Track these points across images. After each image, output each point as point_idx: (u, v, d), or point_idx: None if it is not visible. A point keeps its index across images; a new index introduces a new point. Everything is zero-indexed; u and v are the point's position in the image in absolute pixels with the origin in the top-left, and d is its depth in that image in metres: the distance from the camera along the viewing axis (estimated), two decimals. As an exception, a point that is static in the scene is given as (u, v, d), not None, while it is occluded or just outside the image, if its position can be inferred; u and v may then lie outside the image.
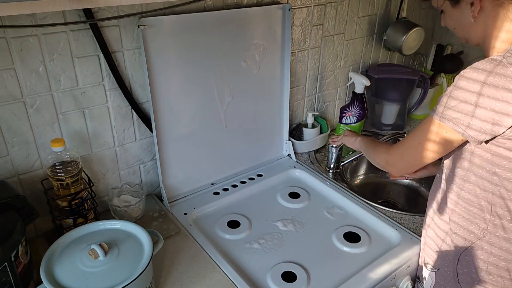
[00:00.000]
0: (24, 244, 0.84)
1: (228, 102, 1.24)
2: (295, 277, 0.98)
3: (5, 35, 0.87)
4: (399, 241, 1.07)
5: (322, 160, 1.45)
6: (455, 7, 0.85)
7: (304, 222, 1.17)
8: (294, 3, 1.31)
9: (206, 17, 1.10)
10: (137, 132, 1.15)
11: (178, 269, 0.97)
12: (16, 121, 0.94)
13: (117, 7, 0.98)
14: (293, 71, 1.41)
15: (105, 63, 1.01)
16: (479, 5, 0.81)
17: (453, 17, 0.88)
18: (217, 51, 1.15)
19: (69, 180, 0.96)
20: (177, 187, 1.22)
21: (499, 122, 0.74)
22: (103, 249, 0.82)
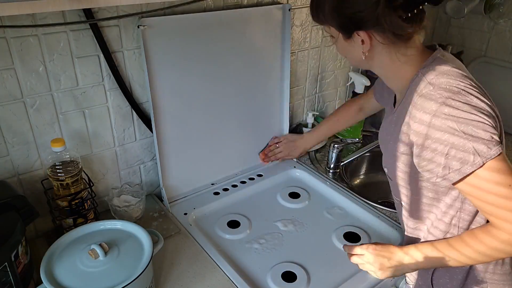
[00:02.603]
0: (24, 244, 0.84)
1: (228, 102, 1.24)
2: (295, 277, 0.98)
3: (5, 35, 0.87)
4: (399, 241, 1.07)
5: (322, 160, 1.45)
6: (346, 40, 0.82)
7: (304, 222, 1.17)
8: (294, 3, 1.31)
9: (206, 17, 1.10)
10: (137, 132, 1.15)
11: (178, 269, 0.97)
12: (16, 121, 0.94)
13: (117, 7, 0.98)
14: (293, 71, 1.41)
15: (105, 63, 1.01)
16: (369, 45, 0.80)
17: (345, 48, 0.85)
18: (217, 51, 1.15)
19: (69, 180, 0.96)
20: (177, 187, 1.22)
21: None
22: (103, 249, 0.82)
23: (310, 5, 0.86)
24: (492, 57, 1.71)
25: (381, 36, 0.78)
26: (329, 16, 0.81)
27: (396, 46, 0.79)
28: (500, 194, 0.71)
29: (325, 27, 0.86)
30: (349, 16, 0.77)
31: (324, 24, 0.85)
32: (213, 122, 1.23)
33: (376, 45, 0.80)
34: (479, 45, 1.74)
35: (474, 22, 1.73)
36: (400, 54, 0.81)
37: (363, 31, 0.78)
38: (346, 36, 0.81)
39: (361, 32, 0.78)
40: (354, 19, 0.77)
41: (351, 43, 0.82)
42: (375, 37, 0.78)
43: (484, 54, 1.73)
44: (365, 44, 0.80)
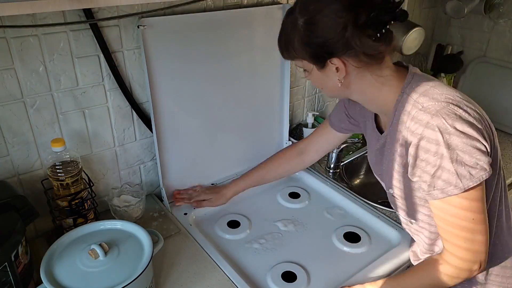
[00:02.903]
0: (24, 244, 0.84)
1: (228, 102, 1.24)
2: (295, 277, 0.98)
3: (5, 35, 0.87)
4: (399, 241, 1.07)
5: (322, 160, 1.45)
6: (321, 71, 0.81)
7: (304, 222, 1.17)
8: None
9: (206, 17, 1.10)
10: (137, 132, 1.15)
11: (178, 269, 0.97)
12: (16, 121, 0.94)
13: (117, 7, 0.98)
14: (293, 71, 1.41)
15: (105, 63, 1.01)
16: (345, 71, 0.78)
17: (319, 78, 0.84)
18: (217, 51, 1.15)
19: (69, 180, 0.96)
20: (177, 187, 1.22)
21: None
22: (103, 249, 0.82)
23: (279, 43, 0.84)
24: (492, 57, 1.71)
25: (354, 60, 0.77)
26: (300, 49, 0.79)
27: (370, 68, 0.79)
28: (462, 223, 0.76)
29: (297, 61, 0.84)
30: (320, 45, 0.76)
31: (296, 59, 0.84)
32: (213, 122, 1.23)
33: (351, 71, 0.79)
34: (479, 45, 1.74)
35: (474, 22, 1.73)
36: (376, 76, 0.81)
37: (336, 57, 0.77)
38: (319, 67, 0.80)
39: (334, 59, 0.77)
40: (325, 48, 0.76)
41: (326, 72, 0.81)
42: (349, 62, 0.78)
43: (484, 54, 1.74)
44: (340, 71, 0.79)
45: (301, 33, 0.77)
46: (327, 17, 0.74)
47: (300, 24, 0.77)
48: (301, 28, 0.77)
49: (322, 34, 0.75)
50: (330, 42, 0.75)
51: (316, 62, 0.80)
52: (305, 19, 0.76)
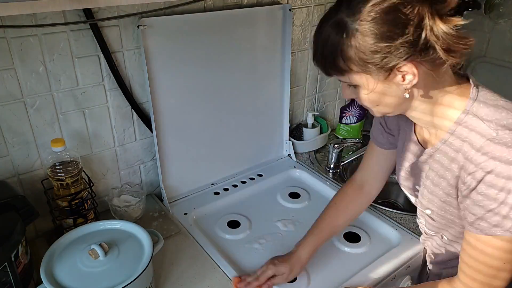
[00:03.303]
0: (24, 244, 0.84)
1: (228, 102, 1.24)
2: (295, 277, 0.98)
3: (5, 35, 0.87)
4: (399, 241, 1.07)
5: (322, 160, 1.45)
6: (382, 82, 0.66)
7: (304, 222, 1.16)
8: (294, 3, 1.31)
9: (206, 17, 1.10)
10: (137, 132, 1.15)
11: (178, 269, 0.97)
12: (16, 121, 0.94)
13: (117, 7, 0.98)
14: (293, 71, 1.41)
15: (105, 63, 1.01)
16: (416, 75, 0.64)
17: (376, 94, 0.68)
18: (217, 51, 1.15)
19: (69, 180, 0.96)
20: (177, 187, 1.22)
21: None
22: (103, 249, 0.82)
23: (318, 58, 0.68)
24: (492, 57, 1.71)
25: (429, 62, 0.63)
26: (356, 60, 0.64)
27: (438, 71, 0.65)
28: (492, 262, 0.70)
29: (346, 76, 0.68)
30: (387, 51, 0.61)
31: (346, 73, 0.67)
32: (213, 122, 1.23)
33: (421, 77, 0.65)
34: (479, 45, 1.74)
35: (474, 22, 1.72)
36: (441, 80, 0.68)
37: (410, 61, 0.62)
38: (381, 77, 0.65)
39: (405, 65, 0.62)
40: (393, 53, 0.61)
41: (387, 84, 0.66)
42: (422, 65, 0.64)
43: (484, 54, 1.73)
44: (408, 78, 0.64)
45: (356, 40, 0.62)
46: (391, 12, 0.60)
47: (353, 27, 0.62)
48: (356, 33, 0.62)
49: (388, 35, 0.60)
50: (400, 43, 0.60)
51: (378, 73, 0.64)
52: (360, 21, 0.61)
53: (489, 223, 0.67)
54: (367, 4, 0.61)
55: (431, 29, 0.60)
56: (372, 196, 1.04)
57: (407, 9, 0.59)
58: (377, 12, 0.60)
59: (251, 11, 1.18)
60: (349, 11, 0.62)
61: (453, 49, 0.62)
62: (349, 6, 0.63)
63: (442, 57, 0.62)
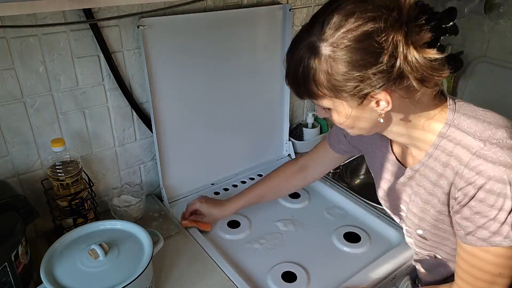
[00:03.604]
0: (24, 244, 0.84)
1: (228, 102, 1.24)
2: (295, 277, 0.98)
3: (5, 35, 0.87)
4: (399, 241, 1.07)
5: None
6: (356, 107, 0.65)
7: (304, 222, 1.17)
8: (294, 3, 1.31)
9: (206, 17, 1.10)
10: (137, 132, 1.15)
11: (178, 269, 0.97)
12: (16, 121, 0.94)
13: (117, 7, 0.98)
14: (293, 71, 1.41)
15: (105, 63, 1.01)
16: (390, 103, 0.63)
17: (350, 117, 0.67)
18: (217, 51, 1.15)
19: (69, 180, 0.96)
20: (177, 187, 1.22)
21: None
22: (103, 249, 0.82)
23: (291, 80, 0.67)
24: (492, 57, 1.71)
25: (404, 90, 0.62)
26: (328, 85, 0.62)
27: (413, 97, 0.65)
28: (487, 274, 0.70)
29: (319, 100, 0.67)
30: (360, 79, 0.60)
31: (318, 98, 0.66)
32: (213, 122, 1.23)
33: (395, 103, 0.64)
34: (479, 45, 1.74)
35: (474, 22, 1.72)
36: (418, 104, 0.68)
37: (382, 90, 0.61)
38: (355, 103, 0.64)
39: (379, 93, 0.62)
40: (367, 81, 0.60)
41: (362, 109, 0.65)
42: (397, 93, 0.63)
43: (484, 54, 1.73)
44: (382, 105, 0.64)
45: (328, 66, 0.60)
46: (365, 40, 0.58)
47: (326, 53, 0.60)
48: (328, 59, 0.60)
49: (361, 63, 0.59)
50: (374, 72, 0.59)
51: (351, 99, 0.63)
52: (333, 47, 0.59)
53: (481, 237, 0.67)
54: (340, 29, 0.59)
55: (405, 59, 0.59)
56: (307, 182, 1.13)
57: (380, 37, 0.57)
58: (349, 39, 0.58)
59: (251, 11, 1.18)
60: (322, 35, 0.60)
61: (427, 79, 0.61)
62: (322, 30, 0.60)
63: (415, 86, 0.61)
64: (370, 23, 0.57)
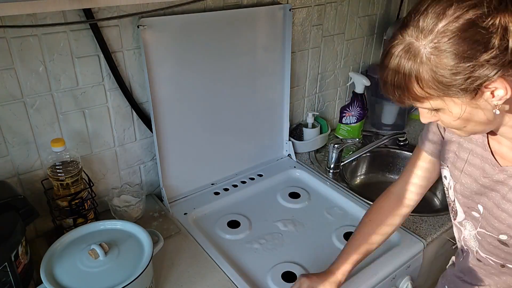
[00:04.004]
0: (24, 244, 0.84)
1: (228, 102, 1.24)
2: (295, 277, 0.98)
3: (5, 35, 0.87)
4: (399, 241, 1.07)
5: (322, 160, 1.45)
6: (469, 103, 0.60)
7: (304, 222, 1.17)
8: (294, 3, 1.31)
9: (206, 17, 1.10)
10: (137, 132, 1.15)
11: (178, 269, 0.97)
12: (16, 121, 0.94)
13: (117, 7, 0.98)
14: (293, 71, 1.41)
15: (105, 63, 1.01)
16: (508, 91, 0.57)
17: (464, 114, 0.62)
18: (217, 51, 1.15)
19: (69, 180, 0.96)
20: (177, 187, 1.22)
21: None
22: (103, 249, 0.82)
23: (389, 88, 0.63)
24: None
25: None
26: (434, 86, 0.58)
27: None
28: None
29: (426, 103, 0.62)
30: (469, 70, 0.55)
31: (425, 101, 0.62)
32: (213, 122, 1.23)
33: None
34: (479, 45, 1.74)
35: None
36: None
37: (498, 77, 0.56)
38: (468, 98, 0.59)
39: (494, 81, 0.56)
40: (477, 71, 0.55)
41: (475, 103, 0.60)
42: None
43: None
44: (499, 94, 0.58)
45: (432, 64, 0.57)
46: (470, 29, 0.54)
47: (427, 51, 0.57)
48: (430, 56, 0.57)
49: (469, 53, 0.54)
50: (486, 60, 0.54)
51: (464, 94, 0.59)
52: (433, 43, 0.56)
53: None
54: (439, 23, 0.55)
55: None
56: (410, 209, 0.93)
57: (487, 22, 0.53)
58: (452, 31, 0.55)
59: (251, 11, 1.18)
60: (420, 33, 0.57)
61: None
62: (418, 27, 0.57)
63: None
64: (472, 10, 0.54)
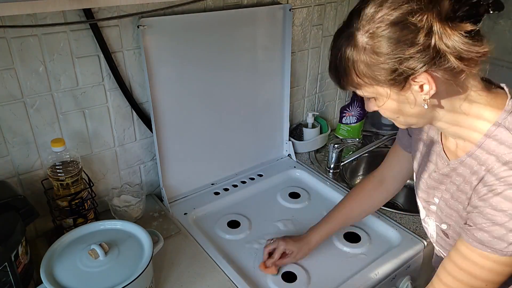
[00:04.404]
0: (24, 244, 0.84)
1: (228, 102, 1.24)
2: (295, 277, 0.98)
3: (5, 35, 0.87)
4: (399, 241, 1.07)
5: (322, 160, 1.45)
6: (399, 94, 0.65)
7: (304, 222, 1.16)
8: (294, 3, 1.31)
9: (206, 17, 1.10)
10: (137, 132, 1.15)
11: (178, 269, 0.97)
12: (16, 121, 0.94)
13: (117, 7, 0.98)
14: (293, 71, 1.41)
15: (105, 63, 1.01)
16: (434, 87, 0.62)
17: (395, 105, 0.67)
18: (217, 51, 1.15)
19: (69, 180, 0.96)
20: (177, 187, 1.22)
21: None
22: (103, 249, 0.82)
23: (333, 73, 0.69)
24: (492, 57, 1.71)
25: (445, 71, 0.61)
26: (368, 73, 0.64)
27: (458, 81, 0.63)
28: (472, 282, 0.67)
29: (362, 90, 0.68)
30: (398, 61, 0.60)
31: (361, 87, 0.67)
32: (213, 122, 1.23)
33: (440, 86, 0.63)
34: (479, 45, 1.74)
35: (474, 22, 1.72)
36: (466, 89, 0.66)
37: (423, 72, 0.61)
38: (397, 89, 0.64)
39: (420, 74, 0.61)
40: (404, 63, 0.60)
41: (405, 95, 0.65)
42: (439, 75, 0.61)
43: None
44: (426, 89, 0.62)
45: (367, 53, 0.62)
46: (400, 23, 0.59)
47: (364, 41, 0.62)
48: (367, 46, 0.62)
49: (398, 46, 0.60)
50: (412, 53, 0.59)
51: (393, 85, 0.64)
52: (369, 33, 0.61)
53: (492, 236, 0.64)
54: (376, 16, 0.60)
55: (440, 37, 0.58)
56: (390, 194, 1.03)
57: (415, 18, 0.58)
58: (385, 24, 0.60)
59: (251, 11, 1.18)
60: (359, 25, 0.62)
61: (465, 57, 0.60)
62: (359, 19, 0.62)
63: (456, 65, 0.60)
64: (405, 5, 0.59)
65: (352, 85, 0.68)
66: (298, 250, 0.99)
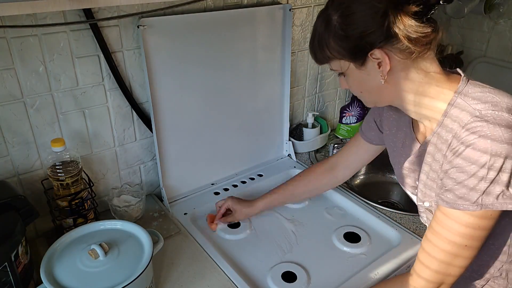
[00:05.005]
0: (24, 244, 0.84)
1: (228, 102, 1.24)
2: (295, 277, 0.98)
3: (5, 35, 0.87)
4: (399, 241, 1.07)
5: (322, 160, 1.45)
6: (360, 69, 0.74)
7: (304, 222, 1.17)
8: (294, 3, 1.31)
9: (206, 17, 1.10)
10: (137, 132, 1.15)
11: (178, 269, 0.97)
12: (16, 121, 0.94)
13: (117, 7, 0.98)
14: (293, 71, 1.41)
15: (105, 63, 1.01)
16: (388, 64, 0.71)
17: (359, 80, 0.77)
18: (217, 51, 1.15)
19: (69, 180, 0.96)
20: (177, 187, 1.22)
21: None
22: (103, 249, 0.82)
23: (311, 47, 0.79)
24: (492, 57, 1.71)
25: (398, 50, 0.70)
26: (336, 47, 0.74)
27: (416, 62, 0.72)
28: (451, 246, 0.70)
29: (332, 63, 0.78)
30: (358, 37, 0.70)
31: (331, 60, 0.77)
32: (213, 122, 1.23)
33: (395, 64, 0.72)
34: (479, 45, 1.74)
35: (474, 22, 1.73)
36: (423, 72, 0.73)
37: (378, 48, 0.70)
38: (359, 64, 0.74)
39: (375, 51, 0.71)
40: (364, 38, 0.70)
41: (366, 70, 0.74)
42: (393, 53, 0.71)
43: (484, 54, 1.74)
44: (383, 65, 0.72)
45: (336, 29, 0.72)
46: (363, 4, 0.69)
47: (335, 19, 0.72)
48: (336, 23, 0.72)
49: (359, 23, 0.70)
50: (370, 30, 0.69)
51: (355, 59, 0.73)
52: (340, 12, 0.72)
53: (456, 195, 0.68)
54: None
55: (394, 18, 0.67)
56: (338, 181, 1.13)
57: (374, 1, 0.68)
58: (347, 5, 0.71)
59: (251, 11, 1.18)
60: (333, 5, 0.73)
61: (412, 37, 0.68)
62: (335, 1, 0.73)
63: (406, 44, 0.69)
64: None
65: (324, 59, 0.78)
66: (240, 211, 1.11)
